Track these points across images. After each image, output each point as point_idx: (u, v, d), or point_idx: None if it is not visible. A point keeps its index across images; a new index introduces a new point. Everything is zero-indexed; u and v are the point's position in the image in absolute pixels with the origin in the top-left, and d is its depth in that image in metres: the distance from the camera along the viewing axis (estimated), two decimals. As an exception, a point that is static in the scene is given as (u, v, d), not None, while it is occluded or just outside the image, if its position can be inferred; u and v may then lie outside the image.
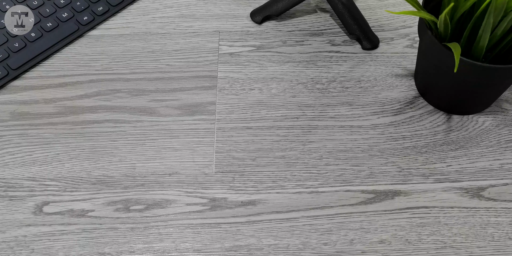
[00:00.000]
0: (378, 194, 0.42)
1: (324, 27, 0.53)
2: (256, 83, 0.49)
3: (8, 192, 0.43)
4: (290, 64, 0.50)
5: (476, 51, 0.38)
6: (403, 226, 0.40)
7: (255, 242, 0.40)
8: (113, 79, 0.49)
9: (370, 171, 0.43)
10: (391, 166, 0.44)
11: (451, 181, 0.43)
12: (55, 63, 0.50)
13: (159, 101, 0.48)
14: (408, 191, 0.42)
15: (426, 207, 0.42)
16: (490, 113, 0.46)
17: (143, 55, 0.51)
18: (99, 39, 0.52)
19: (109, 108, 0.47)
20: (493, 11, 0.34)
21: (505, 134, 0.45)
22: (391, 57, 0.50)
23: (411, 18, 0.53)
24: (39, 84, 0.49)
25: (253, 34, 0.52)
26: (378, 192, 0.42)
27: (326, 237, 0.40)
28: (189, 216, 0.41)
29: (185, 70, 0.50)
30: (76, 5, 0.53)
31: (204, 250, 0.39)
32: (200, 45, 0.51)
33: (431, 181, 0.43)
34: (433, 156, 0.44)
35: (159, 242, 0.40)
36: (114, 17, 0.54)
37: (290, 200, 0.42)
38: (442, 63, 0.40)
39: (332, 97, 0.48)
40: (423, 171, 0.43)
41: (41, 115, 0.47)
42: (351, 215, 0.41)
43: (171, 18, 0.53)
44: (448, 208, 0.42)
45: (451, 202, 0.42)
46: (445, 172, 0.43)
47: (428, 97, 0.47)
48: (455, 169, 0.43)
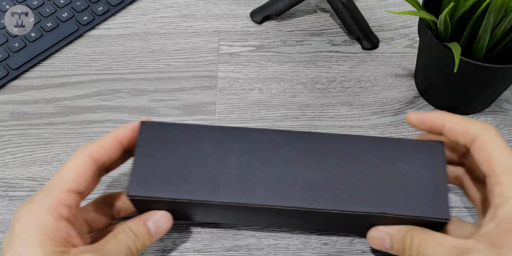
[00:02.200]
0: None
1: (324, 27, 0.53)
2: (256, 83, 0.49)
3: (8, 192, 0.43)
4: (290, 64, 0.50)
5: (476, 51, 0.38)
6: (403, 226, 0.40)
7: (255, 242, 0.40)
8: (113, 79, 0.49)
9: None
10: (391, 166, 0.44)
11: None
12: (55, 63, 0.50)
13: (159, 101, 0.48)
14: (408, 191, 0.42)
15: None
16: (490, 113, 0.46)
17: (143, 55, 0.51)
18: (99, 39, 0.52)
19: (109, 108, 0.47)
20: (493, 11, 0.34)
21: (505, 134, 0.45)
22: (391, 57, 0.50)
23: (411, 18, 0.53)
24: (39, 84, 0.49)
25: (253, 34, 0.52)
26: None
27: (326, 237, 0.40)
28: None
29: (185, 70, 0.50)
30: (76, 5, 0.53)
31: (204, 250, 0.39)
32: (200, 45, 0.51)
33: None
34: (433, 156, 0.44)
35: (159, 242, 0.40)
36: (114, 17, 0.54)
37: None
38: (442, 63, 0.40)
39: (332, 97, 0.48)
40: (423, 171, 0.43)
41: (41, 115, 0.47)
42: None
43: (171, 18, 0.53)
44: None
45: (451, 201, 0.42)
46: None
47: (428, 97, 0.47)
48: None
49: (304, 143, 0.35)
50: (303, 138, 0.35)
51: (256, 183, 0.33)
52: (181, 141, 0.35)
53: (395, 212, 0.32)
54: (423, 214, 0.32)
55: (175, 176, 0.34)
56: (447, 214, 0.32)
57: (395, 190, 0.33)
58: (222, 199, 0.33)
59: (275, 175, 0.34)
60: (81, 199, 0.34)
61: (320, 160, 0.34)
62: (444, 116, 0.34)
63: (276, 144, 0.35)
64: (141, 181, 0.34)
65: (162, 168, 0.34)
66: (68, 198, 0.32)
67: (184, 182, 0.33)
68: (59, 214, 0.31)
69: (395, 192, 0.33)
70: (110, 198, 0.38)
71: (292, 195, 0.33)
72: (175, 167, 0.34)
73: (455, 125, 0.33)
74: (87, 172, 0.33)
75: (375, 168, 0.34)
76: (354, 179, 0.33)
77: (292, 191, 0.33)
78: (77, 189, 0.33)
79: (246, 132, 0.35)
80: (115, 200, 0.38)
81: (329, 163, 0.34)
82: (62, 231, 0.31)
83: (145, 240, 0.34)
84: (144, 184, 0.33)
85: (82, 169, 0.33)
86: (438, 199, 0.33)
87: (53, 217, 0.31)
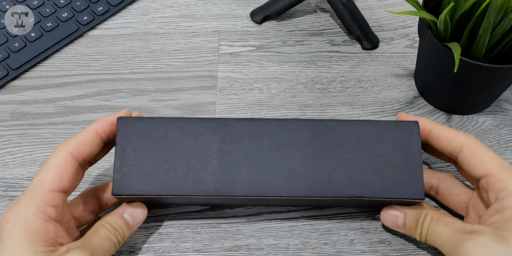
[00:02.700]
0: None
1: (324, 27, 0.53)
2: (256, 83, 0.49)
3: (8, 192, 0.43)
4: (290, 64, 0.50)
5: (476, 51, 0.38)
6: (403, 226, 0.40)
7: (255, 242, 0.40)
8: (113, 79, 0.49)
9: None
10: (391, 166, 0.44)
11: (451, 181, 0.43)
12: (55, 63, 0.50)
13: (159, 101, 0.48)
14: (408, 191, 0.42)
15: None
16: (490, 113, 0.46)
17: (143, 55, 0.51)
18: (99, 39, 0.52)
19: (109, 108, 0.47)
20: (493, 11, 0.34)
21: (505, 134, 0.45)
22: (391, 57, 0.50)
23: (411, 18, 0.53)
24: (39, 84, 0.49)
25: (253, 34, 0.52)
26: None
27: (326, 237, 0.40)
28: (189, 216, 0.41)
29: (185, 70, 0.50)
30: (76, 5, 0.53)
31: (204, 250, 0.39)
32: (200, 45, 0.51)
33: (431, 181, 0.43)
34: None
35: (159, 242, 0.40)
36: (114, 17, 0.54)
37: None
38: (442, 63, 0.40)
39: (332, 97, 0.48)
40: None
41: (41, 115, 0.47)
42: (351, 215, 0.41)
43: (171, 18, 0.53)
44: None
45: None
46: (446, 172, 0.43)
47: (428, 97, 0.47)
48: (456, 169, 0.43)
49: (283, 131, 0.35)
50: (281, 126, 0.36)
51: (238, 175, 0.34)
52: (161, 136, 0.35)
53: (373, 195, 0.34)
54: (399, 196, 0.34)
55: (158, 172, 0.34)
56: (422, 194, 0.34)
57: (373, 174, 0.35)
58: (207, 192, 0.34)
59: (256, 165, 0.35)
60: (66, 196, 0.35)
61: (299, 148, 0.35)
62: (432, 123, 0.37)
63: (256, 133, 0.35)
64: (125, 179, 0.34)
65: (144, 164, 0.34)
66: (53, 198, 0.33)
67: (167, 177, 0.34)
68: (46, 215, 0.32)
69: (372, 175, 0.35)
70: (97, 190, 0.39)
71: (274, 184, 0.34)
72: (157, 163, 0.35)
73: (442, 132, 0.36)
74: (69, 170, 0.34)
75: (353, 151, 0.35)
76: (333, 165, 0.35)
77: (273, 180, 0.34)
78: (61, 188, 0.34)
79: (226, 122, 0.36)
80: (102, 192, 0.39)
81: (308, 150, 0.35)
82: (51, 232, 0.32)
83: (125, 232, 0.36)
84: (128, 183, 0.34)
85: (64, 167, 0.34)
86: (413, 180, 0.34)
87: (41, 218, 0.32)
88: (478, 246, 0.31)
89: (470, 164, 0.35)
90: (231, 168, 0.34)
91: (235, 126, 0.35)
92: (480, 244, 0.31)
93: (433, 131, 0.36)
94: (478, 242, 0.31)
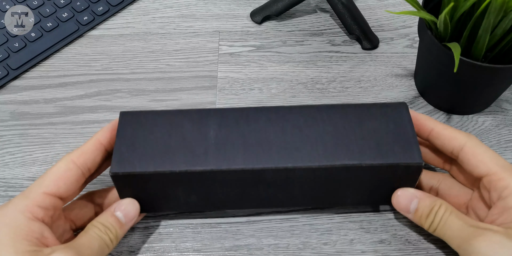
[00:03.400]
0: (378, 194, 0.42)
1: (324, 27, 0.53)
2: (256, 83, 0.49)
3: (8, 192, 0.43)
4: (290, 64, 0.50)
5: (476, 51, 0.38)
6: (403, 226, 0.40)
7: (255, 242, 0.40)
8: (113, 79, 0.49)
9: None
10: (391, 166, 0.44)
11: (451, 181, 0.43)
12: (55, 63, 0.50)
13: (159, 101, 0.48)
14: (408, 191, 0.42)
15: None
16: (490, 113, 0.46)
17: (143, 55, 0.51)
18: (99, 39, 0.52)
19: (109, 108, 0.47)
20: (493, 11, 0.34)
21: (505, 134, 0.45)
22: (391, 57, 0.50)
23: (411, 18, 0.53)
24: (39, 84, 0.49)
25: (253, 34, 0.52)
26: (378, 192, 0.42)
27: (326, 237, 0.40)
28: (189, 216, 0.41)
29: (185, 70, 0.50)
30: (76, 5, 0.53)
31: (204, 250, 0.39)
32: (200, 45, 0.51)
33: (431, 181, 0.43)
34: (433, 156, 0.44)
35: (159, 242, 0.40)
36: (114, 17, 0.54)
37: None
38: (442, 63, 0.40)
39: (332, 97, 0.48)
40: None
41: (41, 115, 0.47)
42: (351, 215, 0.41)
43: (171, 18, 0.53)
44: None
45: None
46: (446, 172, 0.43)
47: (428, 97, 0.47)
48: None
49: (276, 115, 0.37)
50: (276, 111, 0.37)
51: (235, 150, 0.35)
52: (160, 123, 0.37)
53: (371, 161, 0.34)
54: (396, 161, 0.34)
55: (156, 152, 0.35)
56: (420, 159, 0.34)
57: (368, 144, 0.35)
58: (204, 166, 0.34)
59: (252, 142, 0.35)
60: (62, 202, 0.35)
61: (294, 126, 0.36)
62: (433, 121, 0.37)
63: (252, 118, 0.37)
64: (123, 159, 0.35)
65: (143, 146, 0.35)
66: (44, 200, 0.33)
67: (165, 155, 0.35)
68: (33, 215, 0.32)
69: (368, 146, 0.35)
70: (94, 195, 0.39)
71: (272, 156, 0.35)
72: (156, 145, 0.35)
73: (443, 131, 0.36)
74: (69, 177, 0.34)
75: (348, 127, 0.36)
76: (329, 139, 0.35)
77: (270, 153, 0.35)
78: (55, 192, 0.34)
79: (222, 111, 0.37)
80: (98, 197, 0.39)
81: (303, 128, 0.36)
82: (35, 231, 0.32)
83: (117, 230, 0.35)
84: (126, 162, 0.35)
85: (65, 174, 0.34)
86: (409, 147, 0.35)
87: (26, 217, 0.32)
88: (492, 243, 0.31)
89: (471, 163, 0.35)
90: (228, 145, 0.35)
91: (231, 113, 0.37)
92: (494, 240, 0.31)
93: (434, 129, 0.37)
94: (492, 238, 0.31)
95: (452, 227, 0.34)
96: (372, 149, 0.35)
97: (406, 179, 0.36)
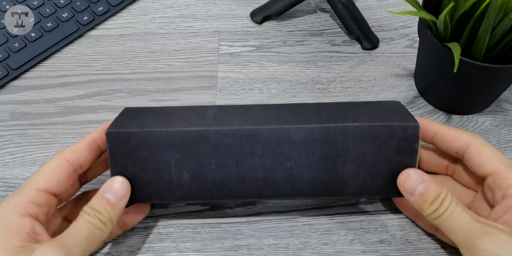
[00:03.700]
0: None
1: (324, 27, 0.53)
2: (256, 83, 0.49)
3: (8, 192, 0.43)
4: (290, 64, 0.50)
5: (476, 51, 0.38)
6: (403, 226, 0.40)
7: (255, 242, 0.40)
8: (113, 79, 0.49)
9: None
10: (391, 166, 0.44)
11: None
12: (55, 63, 0.50)
13: (159, 101, 0.48)
14: (408, 191, 0.42)
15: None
16: (490, 113, 0.46)
17: (143, 55, 0.51)
18: (99, 39, 0.52)
19: (109, 108, 0.47)
20: (493, 11, 0.34)
21: (505, 134, 0.45)
22: (391, 57, 0.50)
23: (411, 18, 0.53)
24: (39, 84, 0.49)
25: (253, 34, 0.52)
26: (378, 192, 0.42)
27: (326, 237, 0.40)
28: (189, 216, 0.41)
29: (185, 70, 0.50)
30: (76, 5, 0.53)
31: (204, 250, 0.39)
32: (200, 45, 0.51)
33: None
34: (433, 156, 0.44)
35: (159, 242, 0.40)
36: (114, 17, 0.54)
37: (290, 200, 0.42)
38: (442, 63, 0.40)
39: (332, 97, 0.48)
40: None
41: (41, 115, 0.47)
42: (351, 215, 0.41)
43: (171, 18, 0.53)
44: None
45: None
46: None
47: (428, 97, 0.47)
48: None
49: (272, 107, 0.39)
50: (269, 106, 0.39)
51: (232, 119, 0.36)
52: (161, 111, 0.38)
53: (368, 122, 0.35)
54: (392, 122, 0.35)
55: (157, 122, 0.36)
56: (415, 121, 0.35)
57: (365, 112, 0.37)
58: (199, 127, 0.35)
59: (248, 117, 0.37)
60: (55, 199, 0.35)
61: (292, 112, 0.38)
62: (436, 123, 0.37)
63: (250, 107, 0.38)
64: (122, 123, 0.36)
65: (143, 119, 0.37)
66: (37, 196, 0.33)
67: (165, 123, 0.36)
68: (25, 210, 0.33)
69: (361, 114, 0.37)
70: (90, 194, 0.39)
71: (267, 121, 0.36)
72: (156, 119, 0.37)
73: (447, 132, 0.36)
74: (61, 173, 0.35)
75: (341, 107, 0.38)
76: (325, 112, 0.37)
77: (267, 118, 0.36)
78: (48, 188, 0.34)
79: (222, 105, 0.39)
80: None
81: (298, 111, 0.38)
82: (26, 227, 0.32)
83: (109, 211, 0.34)
84: (125, 125, 0.36)
85: (56, 170, 0.34)
86: (404, 116, 0.36)
87: (19, 213, 0.32)
88: (500, 241, 0.31)
89: (476, 162, 0.35)
90: (227, 119, 0.36)
91: (231, 106, 0.39)
92: (502, 239, 0.31)
93: (438, 131, 0.37)
94: (500, 236, 0.31)
95: (459, 219, 0.32)
96: (367, 116, 0.36)
97: (405, 150, 0.35)
